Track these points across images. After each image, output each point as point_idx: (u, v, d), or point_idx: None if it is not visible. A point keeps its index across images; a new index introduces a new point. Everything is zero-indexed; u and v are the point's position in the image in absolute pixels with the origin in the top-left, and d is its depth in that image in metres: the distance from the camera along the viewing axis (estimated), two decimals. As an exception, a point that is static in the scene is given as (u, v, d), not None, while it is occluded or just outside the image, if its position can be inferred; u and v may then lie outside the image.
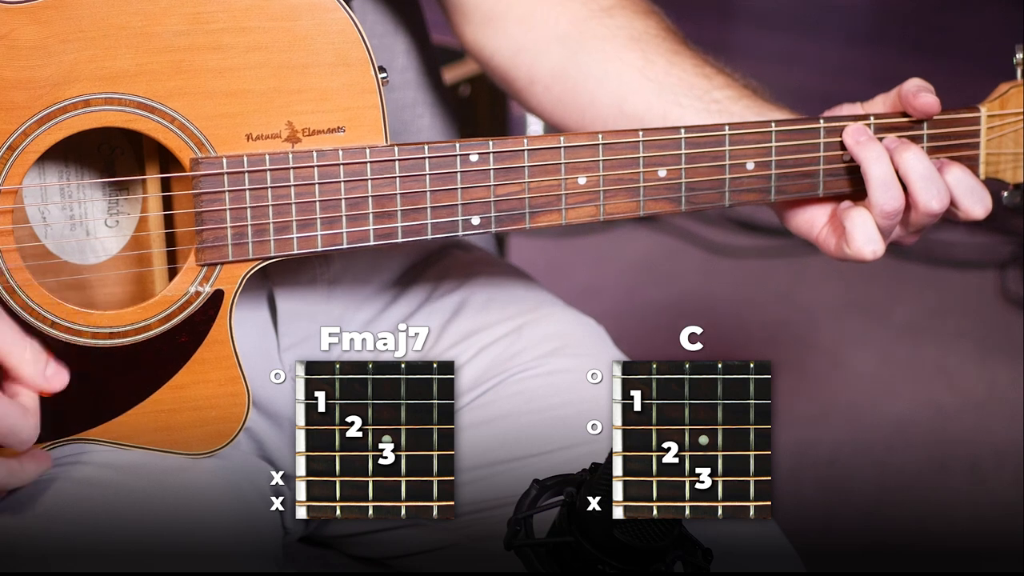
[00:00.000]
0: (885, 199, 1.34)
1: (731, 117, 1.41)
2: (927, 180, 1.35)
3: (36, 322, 1.21)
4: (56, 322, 1.22)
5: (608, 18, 1.48)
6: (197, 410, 1.27)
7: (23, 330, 1.18)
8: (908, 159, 1.35)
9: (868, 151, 1.35)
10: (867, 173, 1.35)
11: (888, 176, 1.35)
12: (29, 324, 1.21)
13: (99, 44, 1.19)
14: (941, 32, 4.56)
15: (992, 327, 3.17)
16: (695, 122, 1.42)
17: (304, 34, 1.23)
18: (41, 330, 1.21)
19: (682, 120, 1.42)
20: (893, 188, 1.34)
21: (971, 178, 1.37)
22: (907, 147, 1.35)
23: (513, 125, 3.22)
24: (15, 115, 1.18)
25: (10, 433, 1.15)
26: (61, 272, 1.28)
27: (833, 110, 1.41)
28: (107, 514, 1.24)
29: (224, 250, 1.24)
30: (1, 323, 1.16)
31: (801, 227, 1.42)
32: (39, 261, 1.27)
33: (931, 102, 1.37)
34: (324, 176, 1.25)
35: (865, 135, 1.36)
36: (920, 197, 1.35)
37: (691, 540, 1.12)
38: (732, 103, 1.42)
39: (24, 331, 1.18)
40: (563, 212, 1.31)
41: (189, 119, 1.22)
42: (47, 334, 1.21)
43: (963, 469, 2.73)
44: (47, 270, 1.27)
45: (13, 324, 1.18)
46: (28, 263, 1.22)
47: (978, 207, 1.37)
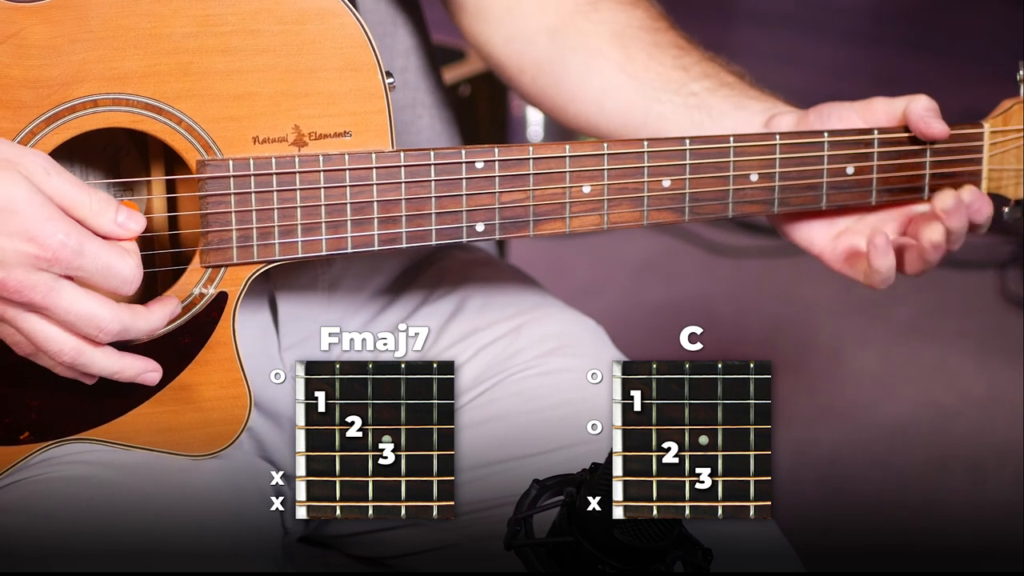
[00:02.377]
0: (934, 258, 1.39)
1: (710, 109, 1.42)
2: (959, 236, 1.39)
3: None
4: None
5: (594, 12, 1.49)
6: (199, 412, 1.27)
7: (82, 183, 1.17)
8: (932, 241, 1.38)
9: (956, 220, 1.38)
10: (949, 226, 1.38)
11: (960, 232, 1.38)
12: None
13: (108, 45, 1.19)
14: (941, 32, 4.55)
15: (992, 327, 3.17)
16: (675, 116, 1.43)
17: (312, 38, 1.23)
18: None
19: (663, 114, 1.43)
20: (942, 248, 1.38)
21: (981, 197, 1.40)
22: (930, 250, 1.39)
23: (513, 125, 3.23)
24: (23, 114, 1.18)
25: (109, 271, 1.14)
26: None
27: (821, 107, 1.41)
28: (107, 514, 1.24)
29: (229, 252, 1.24)
30: (60, 177, 1.14)
31: (801, 241, 1.43)
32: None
33: (942, 131, 1.38)
34: (330, 180, 1.25)
35: (884, 241, 1.38)
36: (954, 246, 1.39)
37: (691, 540, 1.12)
38: (710, 94, 1.43)
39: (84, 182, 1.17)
40: (567, 220, 1.32)
41: (196, 121, 1.22)
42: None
43: (963, 469, 2.73)
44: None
45: (73, 178, 1.15)
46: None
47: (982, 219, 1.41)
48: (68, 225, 1.13)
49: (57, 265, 1.12)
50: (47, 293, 1.12)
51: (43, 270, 1.12)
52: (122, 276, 1.15)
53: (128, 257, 1.15)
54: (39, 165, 1.14)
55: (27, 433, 1.24)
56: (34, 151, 1.15)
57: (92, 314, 1.14)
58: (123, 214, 1.16)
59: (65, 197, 1.14)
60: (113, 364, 1.18)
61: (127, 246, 1.16)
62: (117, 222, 1.16)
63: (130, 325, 1.16)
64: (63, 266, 1.12)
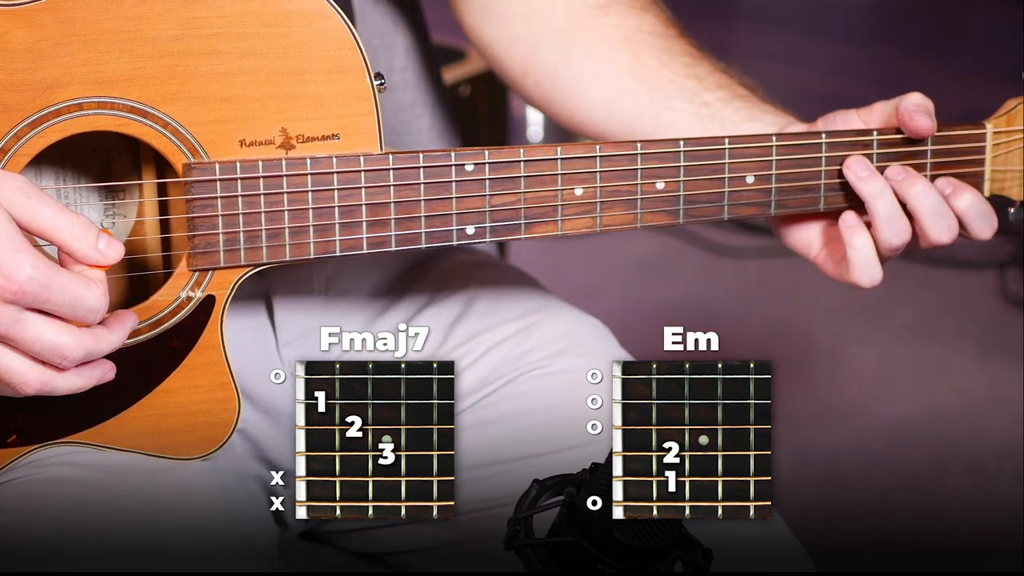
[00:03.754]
0: (891, 234, 1.33)
1: (723, 120, 1.41)
2: (937, 215, 1.34)
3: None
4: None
5: (604, 16, 1.47)
6: (187, 415, 1.27)
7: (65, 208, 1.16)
8: (917, 194, 1.33)
9: (871, 186, 1.34)
10: (872, 209, 1.33)
11: (893, 212, 1.33)
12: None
13: (93, 48, 1.19)
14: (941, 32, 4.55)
15: (992, 327, 3.17)
16: (686, 125, 1.42)
17: (299, 40, 1.22)
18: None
19: (673, 123, 1.42)
20: (899, 222, 1.33)
21: (982, 202, 1.35)
22: (914, 181, 1.34)
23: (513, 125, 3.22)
24: (6, 118, 1.18)
25: (76, 302, 1.14)
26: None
27: (828, 116, 1.40)
28: (96, 515, 1.24)
29: (216, 256, 1.24)
30: (41, 201, 1.14)
31: (798, 246, 1.41)
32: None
33: (926, 125, 1.35)
34: (318, 183, 1.24)
35: (867, 170, 1.34)
36: (931, 232, 1.34)
37: (691, 540, 1.11)
38: (723, 105, 1.42)
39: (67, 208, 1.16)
40: (559, 223, 1.31)
41: (182, 124, 1.21)
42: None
43: (963, 469, 2.72)
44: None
45: (54, 202, 1.15)
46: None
47: (988, 231, 1.36)
48: (35, 258, 1.12)
49: (24, 298, 1.12)
50: (11, 325, 1.12)
51: (9, 302, 1.11)
52: (89, 306, 1.14)
53: (95, 287, 1.15)
54: (19, 189, 1.13)
55: (14, 436, 1.24)
56: (14, 175, 1.15)
57: (57, 344, 1.14)
58: (103, 241, 1.15)
59: (46, 221, 1.14)
60: (75, 382, 1.18)
61: (93, 275, 1.15)
62: (98, 248, 1.15)
63: (93, 349, 1.16)
64: (30, 299, 1.12)
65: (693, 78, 1.44)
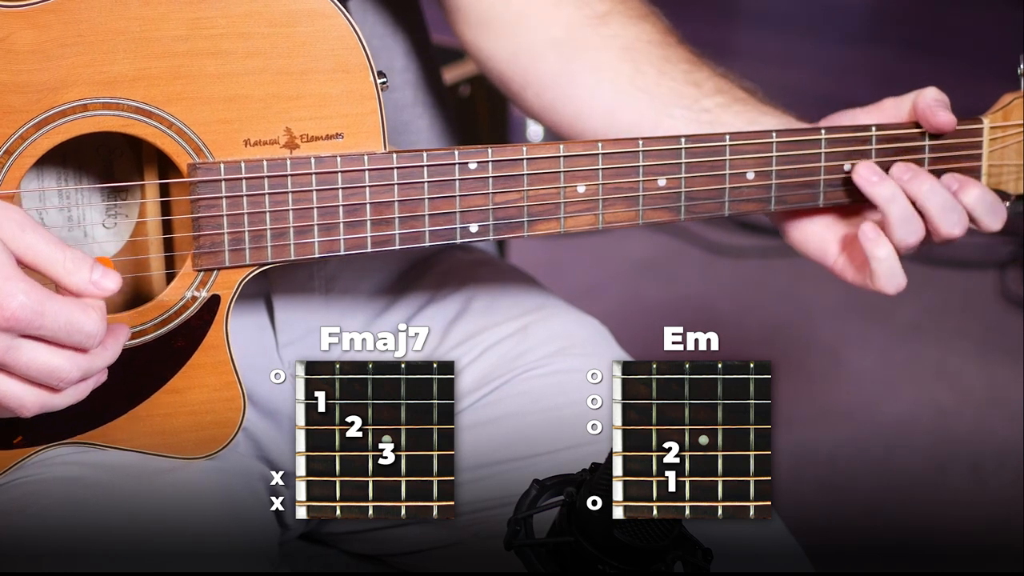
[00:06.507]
0: (906, 234, 1.35)
1: (723, 126, 1.41)
2: (946, 210, 1.35)
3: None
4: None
5: (603, 26, 1.47)
6: (192, 415, 1.27)
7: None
8: (926, 192, 1.35)
9: (883, 190, 1.35)
10: (886, 212, 1.35)
11: (907, 213, 1.35)
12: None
13: (97, 49, 1.19)
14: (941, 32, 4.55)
15: (992, 327, 3.17)
16: (686, 131, 1.42)
17: (303, 40, 1.22)
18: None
19: (673, 130, 1.42)
20: (913, 222, 1.35)
21: (989, 195, 1.37)
22: (922, 179, 1.35)
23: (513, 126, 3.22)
24: (12, 119, 1.18)
25: (72, 328, 1.13)
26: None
27: (831, 117, 1.40)
28: (100, 514, 1.24)
29: (221, 256, 1.24)
30: (36, 235, 1.14)
31: (814, 253, 1.42)
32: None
33: (948, 120, 1.36)
34: (322, 182, 1.25)
35: (877, 175, 1.35)
36: (942, 228, 1.35)
37: (691, 540, 1.11)
38: (723, 111, 1.42)
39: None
40: (561, 220, 1.31)
41: (187, 124, 1.21)
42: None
43: (963, 469, 2.72)
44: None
45: (49, 235, 1.14)
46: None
47: (997, 223, 1.38)
48: (28, 285, 1.12)
49: (17, 325, 1.11)
50: (5, 352, 1.12)
51: (3, 330, 1.11)
52: (85, 331, 1.14)
53: (91, 312, 1.14)
54: (14, 221, 1.13)
55: (20, 437, 1.24)
56: (11, 206, 1.14)
57: (53, 368, 1.14)
58: (98, 272, 1.15)
59: (39, 255, 1.13)
60: (71, 397, 1.18)
61: (90, 300, 1.15)
62: (92, 280, 1.14)
63: (89, 368, 1.16)
64: (23, 326, 1.11)
65: (692, 85, 1.44)
